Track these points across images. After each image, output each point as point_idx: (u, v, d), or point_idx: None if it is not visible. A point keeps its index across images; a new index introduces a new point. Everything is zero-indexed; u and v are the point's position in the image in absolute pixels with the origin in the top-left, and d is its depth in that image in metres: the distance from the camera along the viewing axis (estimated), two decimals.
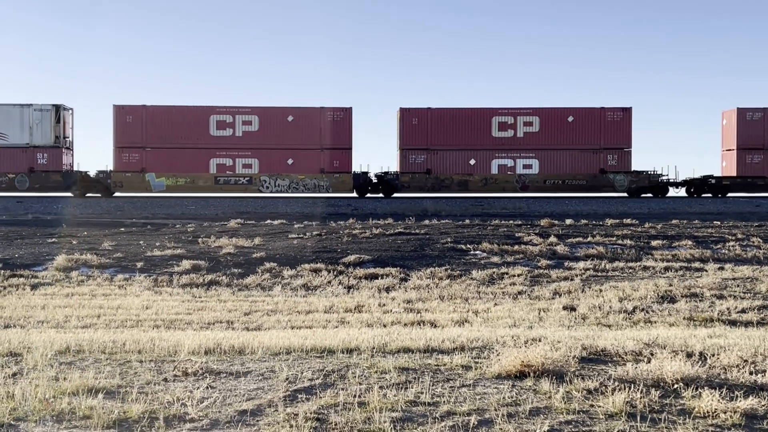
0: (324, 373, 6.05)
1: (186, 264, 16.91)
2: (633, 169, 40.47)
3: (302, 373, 6.08)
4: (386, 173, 40.70)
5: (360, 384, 5.71)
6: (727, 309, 12.32)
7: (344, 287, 15.08)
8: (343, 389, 5.55)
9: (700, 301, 13.22)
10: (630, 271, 16.62)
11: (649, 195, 40.44)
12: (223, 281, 15.69)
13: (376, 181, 40.62)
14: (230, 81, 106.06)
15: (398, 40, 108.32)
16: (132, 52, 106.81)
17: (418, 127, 40.23)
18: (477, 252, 18.72)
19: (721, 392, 5.30)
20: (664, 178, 40.62)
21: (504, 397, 5.33)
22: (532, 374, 5.87)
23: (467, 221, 25.42)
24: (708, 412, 4.99)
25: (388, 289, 14.83)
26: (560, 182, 40.21)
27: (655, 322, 11.53)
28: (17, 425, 4.81)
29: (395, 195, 40.00)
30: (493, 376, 5.95)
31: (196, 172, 39.66)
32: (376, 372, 6.11)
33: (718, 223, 25.10)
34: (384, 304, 13.33)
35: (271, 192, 39.64)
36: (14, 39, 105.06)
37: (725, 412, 4.95)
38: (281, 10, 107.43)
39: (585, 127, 40.25)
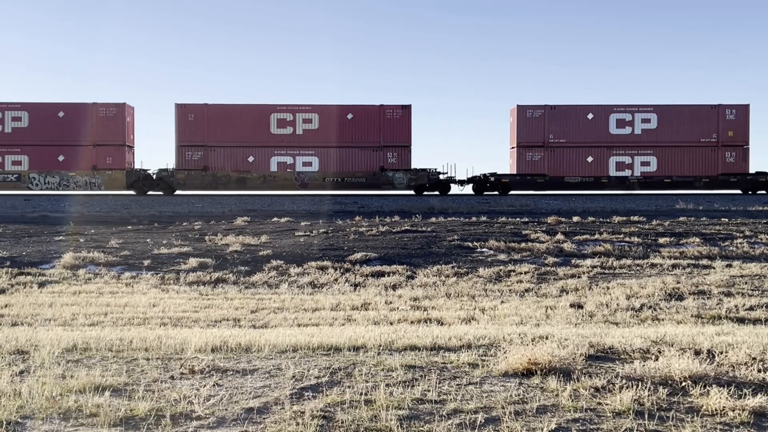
0: (330, 371, 6.04)
1: (193, 262, 16.94)
2: (414, 167, 40.48)
3: (309, 370, 6.07)
4: (164, 170, 40.12)
5: (366, 382, 5.70)
6: (735, 306, 12.27)
7: (351, 285, 15.07)
8: (349, 387, 5.55)
9: (707, 298, 13.17)
10: (637, 268, 16.56)
11: (436, 192, 40.35)
12: (230, 279, 15.70)
13: (155, 178, 40.02)
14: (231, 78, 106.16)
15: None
16: (139, 50, 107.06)
17: (195, 123, 39.84)
18: (484, 249, 18.69)
19: (730, 390, 5.28)
20: (444, 176, 40.53)
21: (511, 395, 5.31)
22: (539, 372, 5.85)
23: (474, 219, 25.39)
24: (716, 410, 4.96)
25: (394, 287, 14.82)
26: (339, 180, 40.14)
27: (663, 320, 11.49)
28: (24, 423, 4.82)
29: (393, 192, 39.96)
30: (500, 374, 5.93)
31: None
32: (382, 370, 6.10)
33: (726, 220, 25.00)
34: (390, 302, 13.32)
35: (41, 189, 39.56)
36: (18, 38, 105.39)
37: (733, 410, 4.92)
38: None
39: (364, 125, 40.16)
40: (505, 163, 43.43)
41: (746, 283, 14.50)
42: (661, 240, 19.79)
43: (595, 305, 12.60)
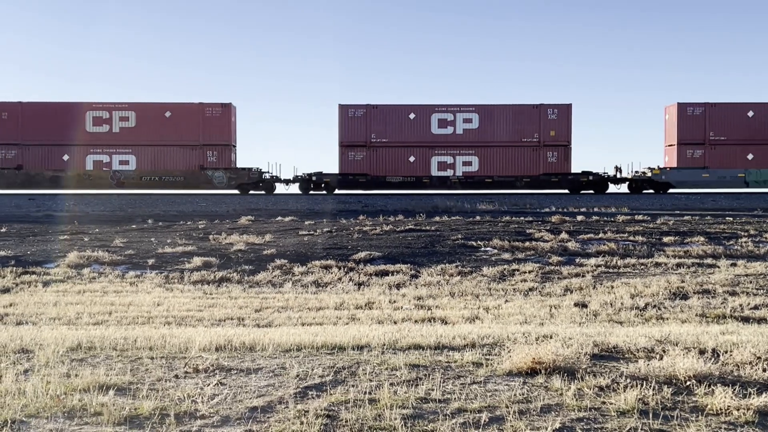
0: (334, 370, 6.05)
1: (197, 261, 16.96)
2: (237, 165, 40.44)
3: (313, 369, 6.08)
4: None
5: (370, 381, 5.70)
6: (740, 305, 12.25)
7: (355, 284, 15.07)
8: (353, 386, 5.55)
9: (712, 297, 13.14)
10: (642, 267, 16.54)
11: (262, 192, 40.34)
12: (234, 278, 15.71)
13: None
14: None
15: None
16: (134, 50, 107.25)
17: (8, 122, 39.62)
18: (488, 248, 18.68)
19: (734, 389, 5.27)
20: (268, 175, 40.51)
21: (515, 394, 5.31)
22: (543, 371, 5.84)
23: (478, 218, 25.38)
24: (721, 409, 4.95)
25: (398, 286, 14.82)
26: (157, 178, 39.96)
27: (667, 319, 11.47)
28: (29, 422, 4.83)
29: (395, 192, 39.93)
30: (504, 373, 5.93)
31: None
32: (386, 369, 6.10)
33: (731, 219, 24.95)
34: (394, 301, 13.32)
35: None
36: (12, 37, 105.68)
37: (738, 410, 4.92)
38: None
39: (184, 123, 39.92)
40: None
41: (751, 282, 14.47)
42: (666, 239, 19.76)
43: (599, 304, 12.58)
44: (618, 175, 40.52)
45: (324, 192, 39.97)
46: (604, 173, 40.34)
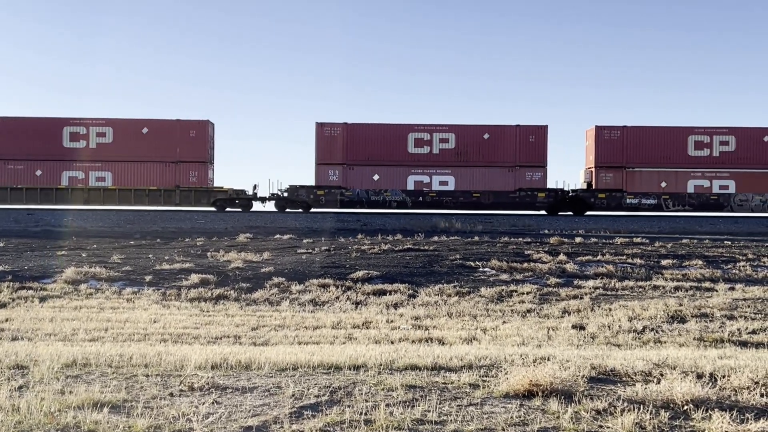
0: (330, 390, 6.01)
1: (194, 278, 16.92)
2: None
3: (309, 389, 6.05)
4: None
5: (366, 401, 5.67)
6: (738, 330, 12.22)
7: (352, 303, 15.03)
8: (349, 406, 5.52)
9: (710, 321, 13.11)
10: (640, 290, 16.52)
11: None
12: (231, 296, 15.68)
13: None
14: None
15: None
16: (135, 65, 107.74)
17: None
18: (486, 269, 18.66)
19: (732, 414, 5.24)
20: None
21: (512, 417, 5.28)
22: (540, 393, 5.81)
23: (476, 238, 25.38)
24: None
25: (396, 306, 14.78)
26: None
27: (665, 342, 11.44)
28: None
29: (394, 211, 39.72)
30: (501, 395, 5.90)
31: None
32: (383, 389, 6.07)
33: (729, 242, 24.96)
34: (392, 321, 13.29)
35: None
36: (11, 50, 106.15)
37: None
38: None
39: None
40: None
41: (749, 306, 14.45)
42: (664, 262, 19.75)
43: (597, 327, 12.55)
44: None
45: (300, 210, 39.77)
46: None
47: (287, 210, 39.52)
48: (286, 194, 39.66)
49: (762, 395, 5.89)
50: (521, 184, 39.24)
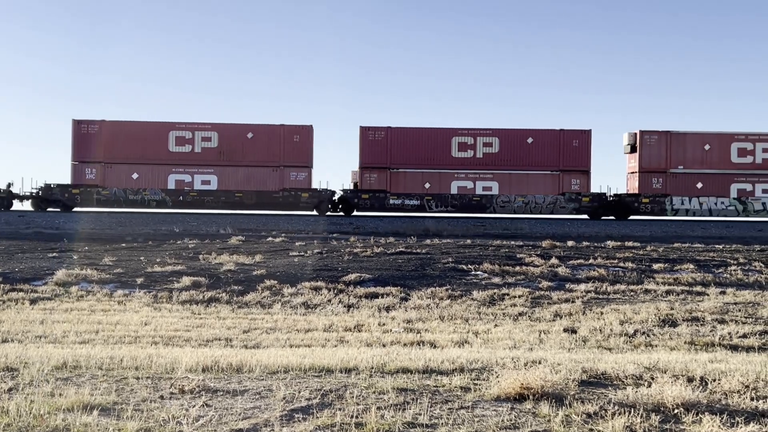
0: (321, 393, 6.00)
1: (186, 280, 16.88)
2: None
3: (299, 392, 6.04)
4: None
5: (357, 404, 5.66)
6: (729, 334, 12.26)
7: (344, 306, 15.02)
8: (340, 409, 5.51)
9: (701, 325, 13.15)
10: (631, 294, 16.55)
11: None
12: (223, 298, 15.64)
13: None
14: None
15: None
16: (144, 70, 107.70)
17: None
18: (478, 272, 18.67)
19: (722, 418, 5.25)
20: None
21: (503, 420, 5.28)
22: (531, 397, 5.82)
23: (468, 241, 25.39)
24: None
25: (388, 309, 14.78)
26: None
27: (656, 346, 11.46)
28: None
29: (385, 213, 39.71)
30: (492, 398, 5.90)
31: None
32: (374, 392, 6.06)
33: (720, 247, 25.04)
34: (384, 324, 13.28)
35: None
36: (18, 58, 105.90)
37: None
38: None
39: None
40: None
41: (740, 310, 14.49)
42: (656, 266, 19.80)
43: (588, 330, 12.57)
44: None
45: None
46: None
47: (49, 210, 38.64)
48: (40, 193, 38.99)
49: (752, 399, 5.91)
50: (286, 185, 39.25)
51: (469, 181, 39.84)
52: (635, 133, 40.10)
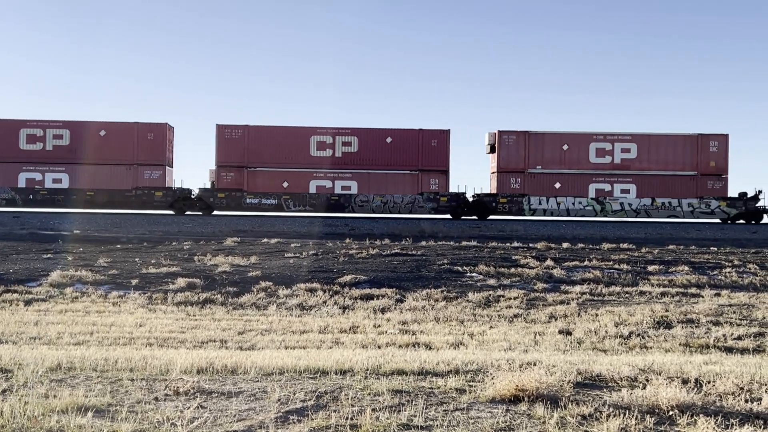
0: (316, 395, 6.00)
1: (181, 282, 16.84)
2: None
3: (294, 394, 6.03)
4: None
5: (353, 406, 5.66)
6: (723, 335, 12.27)
7: (339, 307, 15.01)
8: (335, 411, 5.50)
9: (696, 327, 13.17)
10: (626, 295, 16.58)
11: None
12: (218, 300, 15.62)
13: None
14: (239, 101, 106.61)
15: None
16: (135, 71, 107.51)
17: None
18: (473, 274, 18.67)
19: (717, 420, 5.26)
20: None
21: (498, 422, 5.28)
22: (526, 398, 5.82)
23: (464, 243, 25.40)
24: None
25: (383, 310, 14.77)
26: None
27: (651, 348, 11.48)
28: None
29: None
30: (488, 399, 5.90)
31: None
32: (369, 394, 6.06)
33: (715, 249, 25.09)
34: (379, 325, 13.27)
35: None
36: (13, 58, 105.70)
37: None
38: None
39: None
40: None
41: (734, 312, 14.52)
42: (650, 268, 19.83)
43: (583, 332, 12.58)
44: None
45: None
46: None
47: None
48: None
49: (747, 401, 5.92)
50: (140, 183, 39.08)
51: (328, 181, 39.76)
52: (495, 133, 40.13)
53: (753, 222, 39.67)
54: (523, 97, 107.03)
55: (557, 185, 39.62)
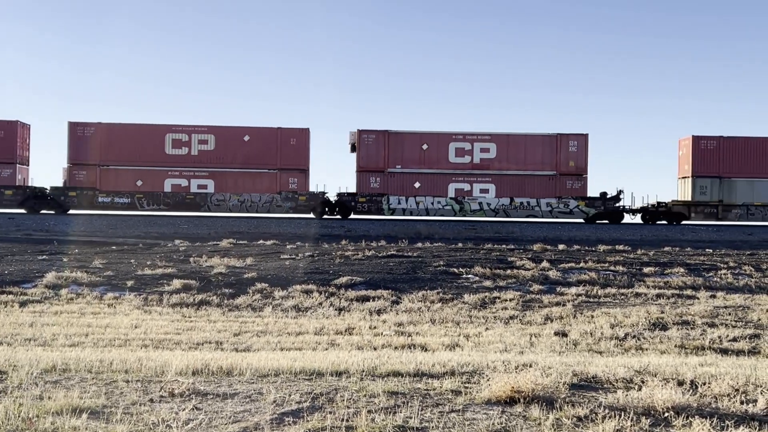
0: (312, 396, 5.99)
1: (176, 283, 16.81)
2: None
3: (290, 395, 6.02)
4: None
5: (348, 408, 5.65)
6: (719, 337, 12.29)
7: (335, 309, 14.99)
8: (330, 413, 5.49)
9: (691, 328, 13.18)
10: (622, 297, 16.59)
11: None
12: (214, 301, 15.59)
13: None
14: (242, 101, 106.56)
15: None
16: (137, 71, 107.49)
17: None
18: (469, 276, 18.68)
19: (712, 422, 5.26)
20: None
21: (493, 423, 5.28)
22: (522, 400, 5.82)
23: (460, 245, 25.40)
24: None
25: (379, 312, 14.76)
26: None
27: (647, 350, 11.49)
28: None
29: (382, 217, 39.79)
30: (483, 401, 5.90)
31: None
32: (364, 395, 6.05)
33: (711, 251, 25.14)
34: (375, 327, 13.26)
35: None
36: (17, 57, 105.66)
37: None
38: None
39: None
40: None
41: (730, 314, 14.54)
42: (646, 269, 19.86)
43: (579, 333, 12.59)
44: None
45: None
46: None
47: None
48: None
49: (742, 402, 5.92)
50: None
51: (184, 179, 39.62)
52: (356, 132, 40.13)
53: (610, 222, 39.81)
54: (526, 97, 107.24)
55: (417, 185, 39.78)
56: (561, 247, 25.12)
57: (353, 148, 40.29)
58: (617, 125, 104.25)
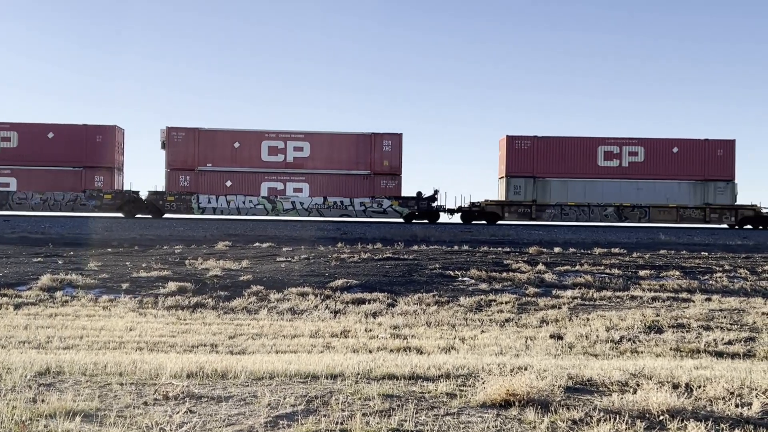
0: (307, 399, 5.97)
1: (172, 286, 16.78)
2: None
3: (285, 398, 6.00)
4: None
5: (343, 411, 5.64)
6: (714, 340, 12.30)
7: (331, 312, 14.98)
8: (325, 416, 5.48)
9: (686, 331, 13.19)
10: (617, 300, 16.60)
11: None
12: (209, 304, 15.57)
13: None
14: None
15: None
16: (149, 77, 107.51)
17: None
18: (465, 278, 18.67)
19: (707, 425, 5.26)
20: None
21: (488, 426, 5.27)
22: (517, 403, 5.81)
23: (456, 247, 25.40)
24: None
25: (375, 315, 14.74)
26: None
27: (642, 353, 11.49)
28: None
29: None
30: (478, 404, 5.89)
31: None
32: (359, 399, 6.04)
33: (706, 254, 25.18)
34: (370, 330, 13.25)
35: None
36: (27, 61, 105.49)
37: None
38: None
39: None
40: None
41: (725, 317, 14.56)
42: (642, 272, 19.87)
43: (574, 336, 12.59)
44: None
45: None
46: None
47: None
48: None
49: (737, 405, 5.92)
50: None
51: None
52: (165, 130, 39.87)
53: (429, 222, 39.75)
54: (534, 99, 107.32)
55: (228, 183, 39.50)
56: (557, 249, 25.14)
57: (163, 146, 39.86)
58: (444, 126, 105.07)
